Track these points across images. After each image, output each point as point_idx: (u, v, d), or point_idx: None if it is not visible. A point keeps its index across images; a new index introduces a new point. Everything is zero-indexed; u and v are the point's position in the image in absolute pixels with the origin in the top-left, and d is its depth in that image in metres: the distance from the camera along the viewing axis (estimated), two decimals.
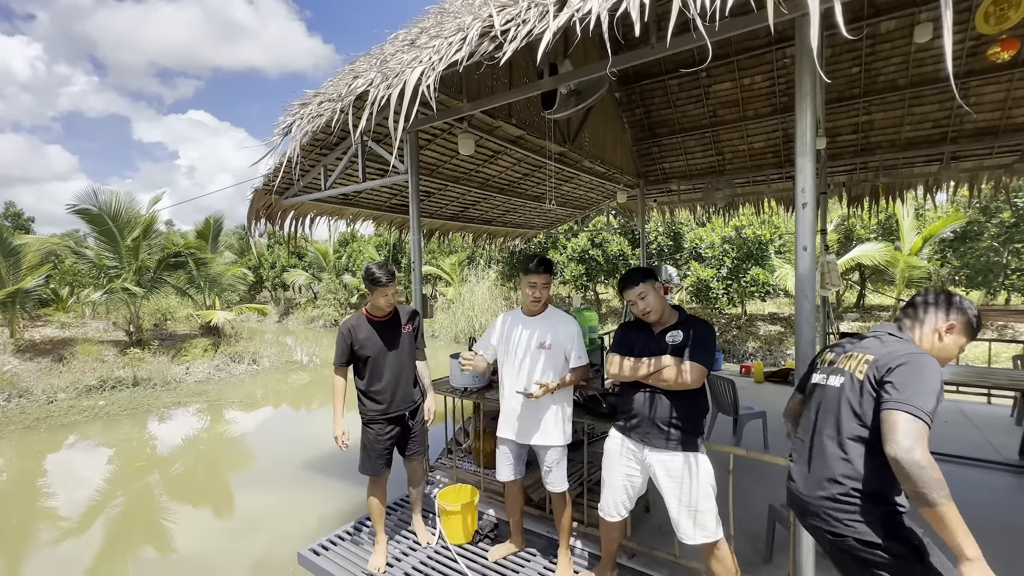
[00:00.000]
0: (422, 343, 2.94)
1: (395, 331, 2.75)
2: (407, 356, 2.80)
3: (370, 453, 2.73)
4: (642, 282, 2.21)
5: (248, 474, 6.28)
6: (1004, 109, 4.87)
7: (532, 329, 2.54)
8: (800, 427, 1.75)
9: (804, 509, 1.59)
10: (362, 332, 2.69)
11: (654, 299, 2.21)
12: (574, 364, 2.51)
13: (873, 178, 6.02)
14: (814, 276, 2.05)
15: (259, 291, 27.88)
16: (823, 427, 1.58)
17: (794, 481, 1.66)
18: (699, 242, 12.45)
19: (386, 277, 2.60)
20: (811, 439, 1.62)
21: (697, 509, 2.09)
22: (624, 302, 2.45)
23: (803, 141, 2.02)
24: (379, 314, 2.73)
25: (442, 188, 5.72)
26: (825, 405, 1.61)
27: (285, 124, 3.07)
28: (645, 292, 2.20)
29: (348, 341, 2.66)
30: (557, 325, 2.53)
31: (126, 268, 11.87)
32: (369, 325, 2.71)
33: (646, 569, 2.58)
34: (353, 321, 2.72)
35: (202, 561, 4.16)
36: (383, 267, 2.62)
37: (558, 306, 2.83)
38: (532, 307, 2.55)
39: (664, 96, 5.92)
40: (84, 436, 7.61)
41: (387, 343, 2.71)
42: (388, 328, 2.74)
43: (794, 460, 1.71)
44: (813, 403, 1.68)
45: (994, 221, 10.82)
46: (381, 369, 2.69)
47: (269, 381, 11.46)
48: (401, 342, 2.76)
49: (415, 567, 2.72)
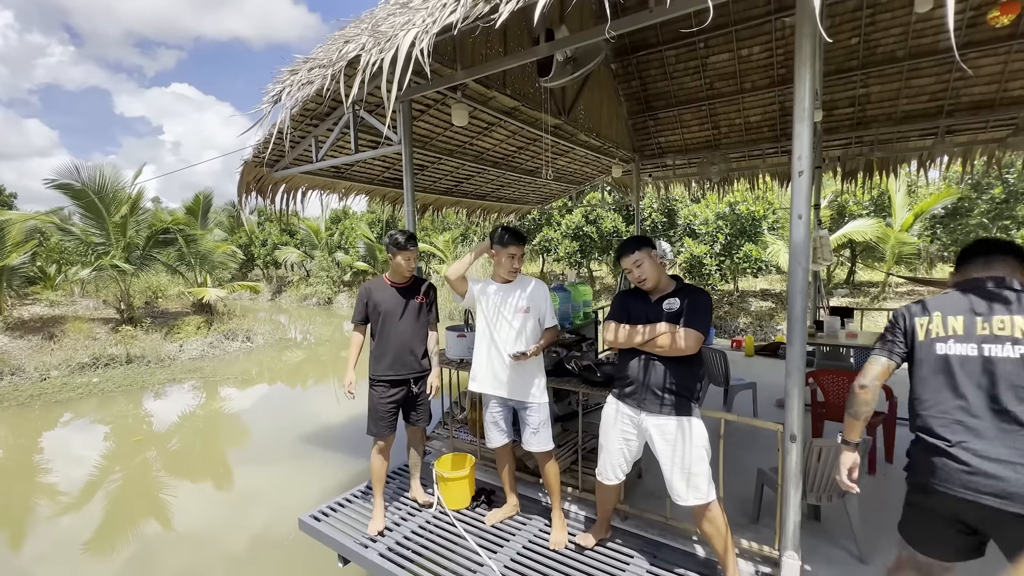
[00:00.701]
0: (435, 316, 3.05)
1: (409, 298, 2.90)
2: (417, 324, 2.92)
3: (374, 414, 2.86)
4: (638, 250, 2.24)
5: (247, 449, 6.35)
6: (1000, 82, 4.85)
7: (512, 294, 2.63)
8: (940, 401, 1.61)
9: (997, 490, 1.46)
10: (378, 293, 2.88)
11: (649, 267, 2.24)
12: (548, 325, 2.63)
13: (868, 152, 6.01)
14: (808, 245, 2.06)
15: (250, 269, 27.64)
16: (1008, 401, 1.49)
17: (967, 464, 1.51)
18: (693, 218, 12.45)
19: (407, 241, 2.80)
20: (992, 415, 1.51)
21: (691, 472, 2.14)
22: (620, 271, 2.48)
23: (801, 107, 2.00)
24: (398, 280, 2.91)
25: (435, 161, 5.64)
26: (1003, 377, 1.50)
27: (274, 92, 2.99)
28: (640, 260, 2.23)
29: (364, 300, 2.87)
30: (532, 290, 2.64)
31: (114, 245, 11.69)
32: (386, 288, 2.89)
33: (638, 530, 2.67)
34: (373, 283, 2.94)
35: (203, 534, 4.23)
36: (405, 232, 2.83)
37: (551, 283, 2.88)
38: (510, 276, 2.63)
39: (661, 68, 5.82)
40: (80, 413, 7.62)
41: (399, 307, 2.86)
42: (403, 294, 2.90)
43: (954, 438, 1.55)
44: (968, 376, 1.56)
45: (985, 197, 10.91)
46: (390, 331, 2.84)
47: (264, 358, 11.47)
48: (413, 309, 2.91)
49: (414, 531, 2.79)
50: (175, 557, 3.84)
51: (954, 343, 1.60)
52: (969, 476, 1.51)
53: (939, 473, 1.57)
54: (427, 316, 2.97)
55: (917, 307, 1.74)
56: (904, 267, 12.07)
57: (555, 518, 2.67)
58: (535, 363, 2.62)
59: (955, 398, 1.58)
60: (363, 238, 20.58)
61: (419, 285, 2.96)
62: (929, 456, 1.61)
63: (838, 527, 2.63)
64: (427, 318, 2.97)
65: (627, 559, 2.48)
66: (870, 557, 2.41)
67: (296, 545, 3.80)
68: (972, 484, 1.50)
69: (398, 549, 2.62)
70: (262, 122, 3.21)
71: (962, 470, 1.52)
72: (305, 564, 3.63)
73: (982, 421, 1.53)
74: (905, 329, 1.72)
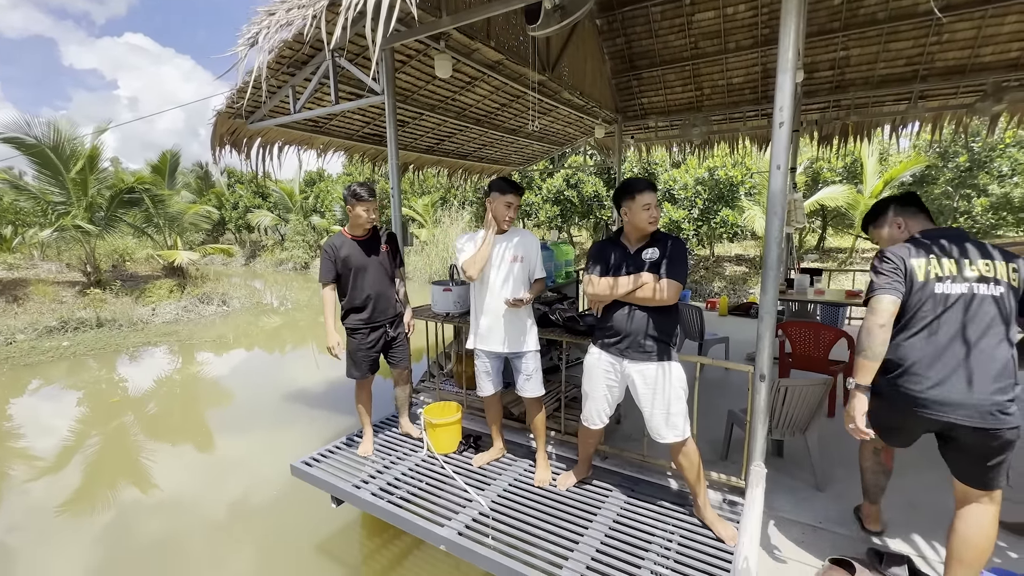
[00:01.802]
0: (401, 263, 3.16)
1: (374, 249, 2.96)
2: (386, 272, 3.01)
3: (355, 359, 3.00)
4: (652, 191, 2.24)
5: (229, 411, 6.34)
6: (973, 47, 4.96)
7: (506, 245, 2.67)
8: (927, 334, 1.79)
9: (968, 411, 1.70)
10: (344, 250, 2.89)
11: (655, 210, 2.26)
12: (537, 276, 2.71)
13: (844, 116, 6.13)
14: (785, 194, 2.15)
15: (221, 233, 26.75)
16: (984, 334, 1.71)
17: (941, 385, 1.74)
18: (673, 183, 12.55)
19: (367, 192, 2.83)
20: (967, 346, 1.72)
21: (669, 411, 2.27)
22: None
23: (785, 58, 2.05)
24: (359, 232, 2.97)
25: (417, 117, 5.51)
26: (981, 313, 1.72)
27: (250, 34, 2.86)
28: (656, 201, 2.25)
29: (332, 258, 2.87)
30: (524, 241, 2.70)
31: (75, 204, 11.14)
32: (350, 243, 2.91)
33: (617, 468, 2.85)
34: (335, 240, 2.93)
35: (191, 496, 4.13)
36: (364, 184, 2.86)
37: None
38: (505, 225, 2.65)
39: (646, 25, 5.74)
40: (51, 377, 7.44)
41: (367, 259, 2.93)
42: (367, 246, 2.96)
43: (930, 368, 1.76)
44: (954, 312, 1.75)
45: (950, 165, 11.28)
46: (363, 282, 2.92)
47: (241, 322, 11.30)
48: (380, 260, 2.97)
49: (404, 473, 2.91)
50: (157, 521, 3.72)
51: (950, 283, 1.78)
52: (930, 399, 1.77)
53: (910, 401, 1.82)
54: (393, 264, 3.08)
55: (908, 250, 1.87)
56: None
57: (540, 459, 2.82)
58: (527, 313, 2.70)
59: (941, 333, 1.76)
60: (339, 201, 20.07)
61: (379, 236, 3.03)
62: (905, 388, 1.82)
63: (799, 461, 2.86)
64: (394, 266, 3.09)
65: (607, 492, 2.66)
66: (826, 486, 2.65)
67: (287, 496, 3.90)
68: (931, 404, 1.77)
69: (389, 489, 2.74)
70: (237, 67, 3.08)
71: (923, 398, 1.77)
72: (297, 515, 3.73)
73: (957, 352, 1.74)
74: (905, 270, 1.83)
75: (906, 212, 2.08)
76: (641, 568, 2.09)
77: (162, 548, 3.37)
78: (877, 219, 2.18)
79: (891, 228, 2.11)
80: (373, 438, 3.23)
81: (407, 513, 2.50)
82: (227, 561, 3.25)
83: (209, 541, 3.47)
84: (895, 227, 2.10)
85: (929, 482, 2.66)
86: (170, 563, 3.22)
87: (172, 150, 13.50)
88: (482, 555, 2.20)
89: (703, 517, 2.37)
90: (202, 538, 3.50)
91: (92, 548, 3.42)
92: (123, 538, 3.49)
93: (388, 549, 3.28)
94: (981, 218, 10.84)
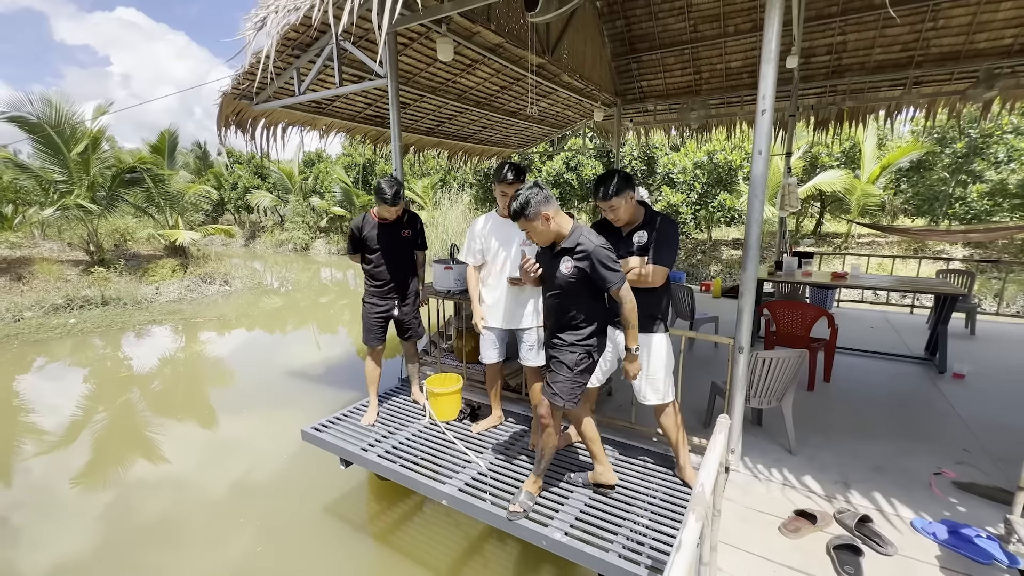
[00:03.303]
0: (423, 244, 3.36)
1: (395, 233, 3.17)
2: (403, 253, 3.23)
3: (366, 327, 3.28)
4: (615, 196, 2.35)
5: (235, 387, 6.55)
6: (968, 34, 5.03)
7: (514, 228, 2.77)
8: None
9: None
10: (366, 229, 3.13)
11: (623, 211, 2.39)
12: None
13: (840, 101, 6.20)
14: (765, 177, 2.30)
15: (220, 214, 26.72)
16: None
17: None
18: (672, 167, 12.60)
19: (392, 199, 2.96)
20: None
21: (654, 377, 2.46)
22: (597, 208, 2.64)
23: (768, 49, 2.17)
24: (383, 219, 3.16)
25: (418, 99, 5.59)
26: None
27: (259, 17, 2.95)
28: (616, 206, 2.37)
29: (355, 237, 3.16)
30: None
31: (77, 183, 11.19)
32: (374, 223, 3.13)
33: (608, 434, 3.04)
34: (359, 221, 3.17)
35: (198, 471, 4.28)
36: (392, 186, 2.96)
37: None
38: (507, 211, 2.77)
39: (646, 7, 5.77)
40: (59, 354, 7.63)
41: (386, 241, 3.15)
42: (390, 228, 3.16)
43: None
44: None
45: (948, 151, 11.33)
46: (380, 260, 3.16)
47: (243, 302, 11.47)
48: (399, 242, 3.19)
49: (408, 438, 3.11)
50: (166, 494, 3.83)
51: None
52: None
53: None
54: (413, 246, 3.27)
55: None
56: (868, 219, 12.62)
57: (536, 424, 3.01)
58: (532, 290, 2.83)
59: None
60: (339, 182, 20.04)
61: (402, 222, 3.19)
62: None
63: (776, 429, 3.06)
64: (413, 248, 3.28)
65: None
66: (798, 451, 2.85)
67: (294, 465, 4.12)
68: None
69: (394, 452, 2.94)
70: (245, 50, 3.18)
71: None
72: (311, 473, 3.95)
73: None
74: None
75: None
76: (626, 519, 2.30)
77: (184, 515, 3.60)
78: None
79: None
80: (378, 408, 3.45)
81: (412, 473, 2.70)
82: (239, 523, 3.47)
83: (223, 505, 3.69)
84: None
85: (892, 450, 2.86)
86: (196, 526, 3.45)
87: (170, 130, 13.48)
88: (481, 508, 2.40)
89: (683, 476, 2.58)
90: (214, 504, 3.72)
91: (107, 513, 3.62)
92: (136, 508, 3.65)
93: (391, 512, 3.51)
94: (976, 204, 10.95)
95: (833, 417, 3.30)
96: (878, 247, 12.08)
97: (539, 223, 2.12)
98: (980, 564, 1.96)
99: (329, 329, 9.51)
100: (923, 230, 10.38)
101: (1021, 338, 5.15)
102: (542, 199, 2.10)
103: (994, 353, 4.58)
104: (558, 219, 2.16)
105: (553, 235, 2.18)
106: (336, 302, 12.19)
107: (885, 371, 4.18)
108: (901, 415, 3.34)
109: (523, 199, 2.10)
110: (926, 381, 3.94)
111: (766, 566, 1.97)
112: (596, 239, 2.14)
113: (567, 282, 2.16)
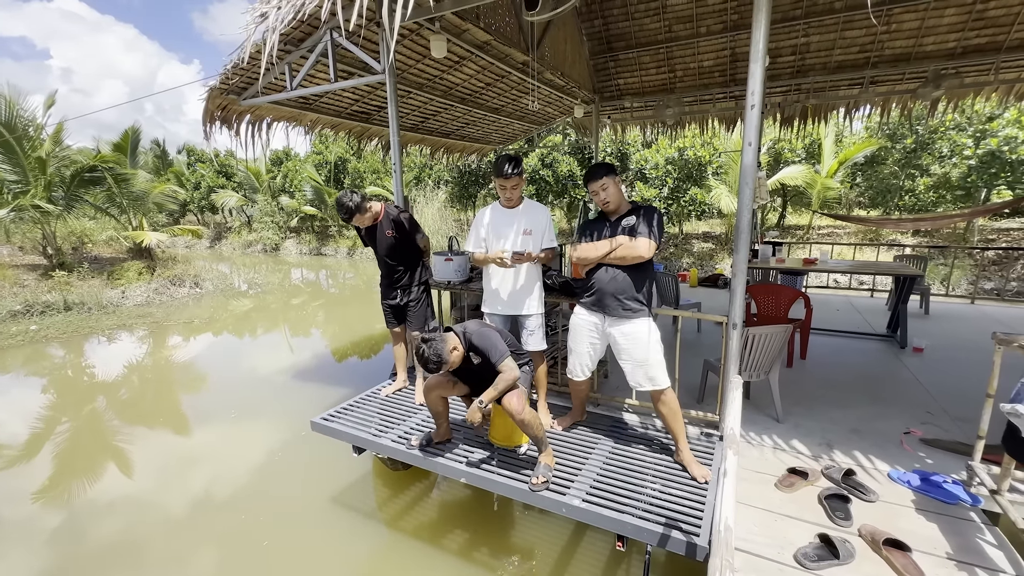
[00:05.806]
0: (415, 233, 3.40)
1: (380, 234, 3.34)
2: (395, 250, 3.36)
3: (384, 311, 3.56)
4: (605, 175, 2.55)
5: (217, 389, 6.43)
6: (917, 37, 5.46)
7: (516, 218, 2.93)
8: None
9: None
10: (361, 231, 3.40)
11: (613, 191, 2.58)
12: (546, 245, 2.95)
13: (804, 99, 6.60)
14: (755, 167, 2.50)
15: (183, 215, 25.71)
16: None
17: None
18: (644, 163, 12.97)
19: (344, 215, 3.16)
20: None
21: (648, 364, 2.59)
22: (583, 206, 2.82)
23: (756, 48, 2.37)
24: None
25: (404, 96, 5.63)
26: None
27: (260, 11, 2.97)
28: (607, 184, 2.56)
29: (358, 233, 3.45)
30: (535, 214, 2.96)
31: (32, 183, 10.62)
32: (367, 227, 3.36)
33: (607, 412, 3.23)
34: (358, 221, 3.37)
35: (198, 472, 4.42)
36: (343, 206, 3.13)
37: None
38: (508, 204, 2.92)
39: (623, 8, 5.98)
40: (19, 362, 7.27)
41: (375, 242, 3.37)
42: (373, 231, 3.35)
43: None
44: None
45: (898, 147, 12.11)
46: (379, 257, 3.44)
47: (215, 304, 11.16)
48: (384, 242, 3.33)
49: (416, 424, 3.20)
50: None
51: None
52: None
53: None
54: (401, 244, 3.35)
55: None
56: (828, 211, 13.35)
57: (540, 405, 3.15)
58: (533, 280, 2.97)
59: None
60: (309, 181, 19.63)
61: (385, 222, 3.30)
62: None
63: (763, 401, 3.31)
64: (402, 246, 3.36)
65: (600, 432, 3.03)
66: (784, 419, 3.10)
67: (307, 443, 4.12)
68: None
69: (406, 436, 3.03)
70: (244, 45, 3.19)
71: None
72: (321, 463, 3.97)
73: None
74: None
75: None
76: (636, 489, 2.47)
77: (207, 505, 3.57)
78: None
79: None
80: (405, 380, 3.72)
81: (426, 455, 2.80)
82: (241, 521, 3.48)
83: (225, 505, 3.69)
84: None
85: (866, 415, 3.15)
86: (197, 526, 3.44)
87: (134, 127, 12.93)
88: (498, 482, 2.53)
89: (681, 460, 2.66)
90: (214, 505, 3.71)
91: (54, 538, 3.56)
92: (92, 528, 3.42)
93: (399, 498, 3.59)
94: (924, 196, 11.75)
95: (812, 389, 3.58)
96: (837, 237, 12.80)
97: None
98: (948, 504, 2.23)
99: (302, 332, 9.36)
100: (879, 219, 11.09)
101: (968, 316, 5.66)
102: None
103: (946, 329, 5.03)
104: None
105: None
106: (309, 303, 12.01)
107: (853, 348, 4.53)
108: (871, 385, 3.66)
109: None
110: (890, 355, 4.30)
111: (767, 516, 2.17)
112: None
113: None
